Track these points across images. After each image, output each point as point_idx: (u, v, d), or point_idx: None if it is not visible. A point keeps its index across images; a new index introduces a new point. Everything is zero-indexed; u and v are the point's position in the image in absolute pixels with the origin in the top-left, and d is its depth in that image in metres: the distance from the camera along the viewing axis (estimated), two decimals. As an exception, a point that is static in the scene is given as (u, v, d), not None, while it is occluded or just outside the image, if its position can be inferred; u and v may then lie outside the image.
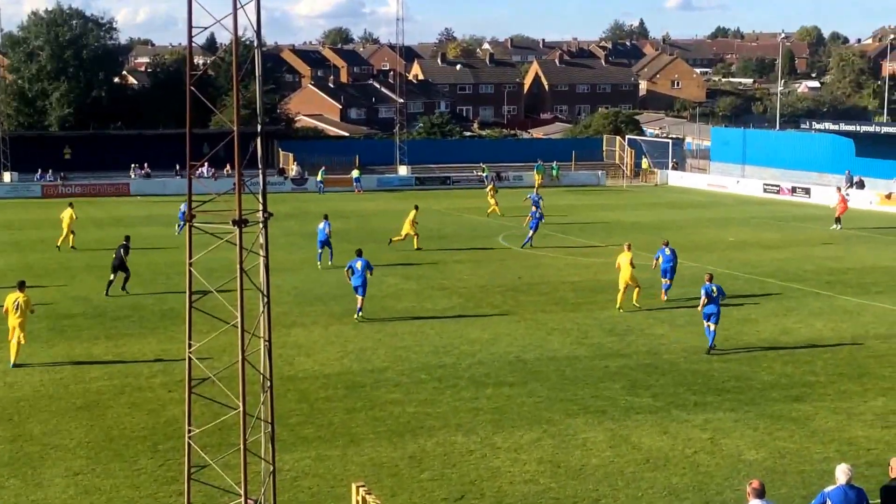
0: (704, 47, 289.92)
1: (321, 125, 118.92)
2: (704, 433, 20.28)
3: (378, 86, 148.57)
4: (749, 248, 46.14)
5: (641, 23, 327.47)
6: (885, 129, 73.78)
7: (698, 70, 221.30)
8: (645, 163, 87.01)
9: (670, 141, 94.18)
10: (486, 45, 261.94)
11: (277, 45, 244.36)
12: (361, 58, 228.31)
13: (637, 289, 32.52)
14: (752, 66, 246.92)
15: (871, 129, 74.26)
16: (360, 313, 30.63)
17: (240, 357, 12.29)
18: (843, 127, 75.22)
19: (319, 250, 40.81)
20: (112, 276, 35.00)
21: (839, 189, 60.83)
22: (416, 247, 44.82)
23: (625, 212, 61.68)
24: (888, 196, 62.76)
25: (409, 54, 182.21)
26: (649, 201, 69.15)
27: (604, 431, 20.36)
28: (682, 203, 67.86)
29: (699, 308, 27.30)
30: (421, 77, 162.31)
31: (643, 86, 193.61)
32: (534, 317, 31.25)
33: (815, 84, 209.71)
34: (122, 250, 35.24)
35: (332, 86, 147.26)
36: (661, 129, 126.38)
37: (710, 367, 25.28)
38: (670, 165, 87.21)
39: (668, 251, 34.24)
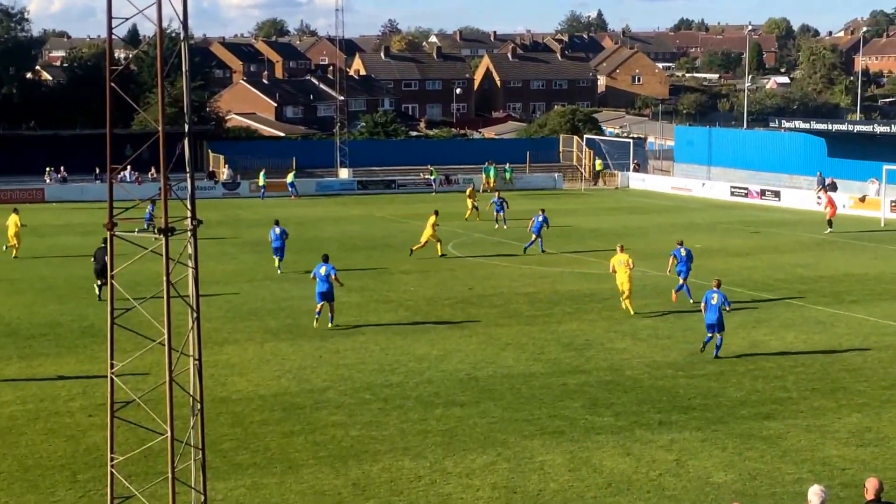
0: (667, 40, 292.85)
1: (254, 125, 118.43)
2: (670, 454, 20.43)
3: (316, 82, 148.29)
4: (716, 255, 46.60)
5: (600, 14, 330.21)
6: (858, 128, 74.96)
7: (660, 65, 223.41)
8: (598, 163, 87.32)
9: (631, 141, 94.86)
10: (433, 38, 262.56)
11: (206, 38, 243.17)
12: (298, 51, 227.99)
13: (629, 296, 33.71)
14: (717, 60, 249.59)
15: (843, 127, 75.38)
16: (329, 321, 31.52)
17: (167, 377, 12.21)
18: (815, 125, 76.27)
19: (276, 256, 42.12)
20: (99, 282, 36.00)
21: (825, 190, 61.57)
22: (440, 253, 45.73)
23: (583, 217, 62.05)
24: (862, 199, 63.69)
25: (349, 48, 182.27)
26: (609, 206, 69.64)
27: (562, 454, 20.44)
28: (645, 208, 68.40)
29: (702, 309, 28.32)
30: (363, 72, 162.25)
31: (602, 81, 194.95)
32: (486, 331, 31.32)
33: (785, 80, 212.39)
34: (102, 253, 35.64)
35: (266, 82, 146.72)
36: (621, 128, 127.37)
37: (676, 384, 25.48)
38: (631, 167, 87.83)
39: (682, 251, 35.48)
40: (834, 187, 69.82)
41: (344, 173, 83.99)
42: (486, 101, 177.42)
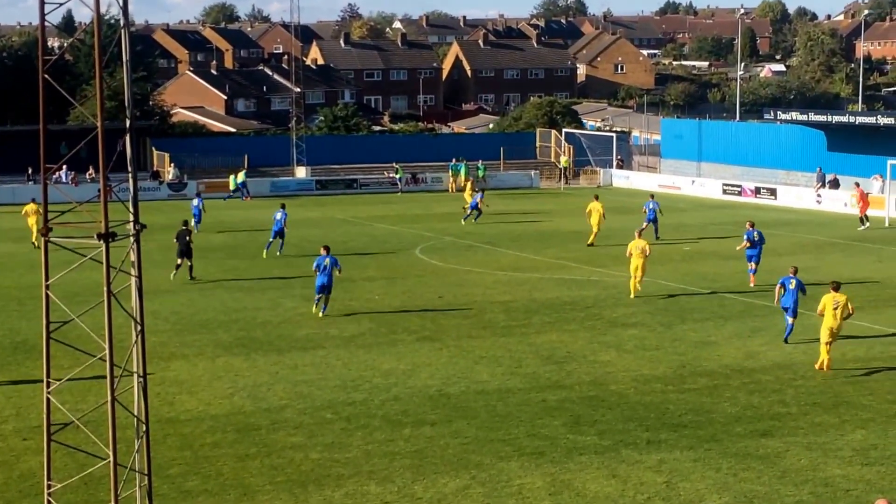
0: (652, 25, 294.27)
1: (203, 119, 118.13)
2: (659, 476, 20.51)
3: (270, 72, 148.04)
4: (707, 258, 46.82)
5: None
6: (860, 120, 75.40)
7: (645, 52, 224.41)
8: (563, 160, 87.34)
9: (614, 135, 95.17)
10: (397, 24, 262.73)
11: (148, 25, 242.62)
12: (249, 39, 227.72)
13: (641, 278, 37.50)
14: (707, 46, 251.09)
15: (844, 119, 75.81)
16: (321, 308, 34.65)
17: (109, 397, 12.17)
18: (813, 117, 76.67)
19: (271, 239, 47.28)
20: (179, 262, 41.28)
21: (857, 185, 61.84)
22: (589, 242, 50.01)
23: (562, 219, 62.18)
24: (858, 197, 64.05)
25: (306, 35, 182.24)
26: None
27: (542, 476, 20.48)
28: (629, 207, 68.50)
29: (775, 302, 31.58)
30: (321, 62, 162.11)
31: (582, 70, 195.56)
32: (458, 343, 31.35)
33: (780, 67, 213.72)
34: (186, 236, 41.40)
35: (214, 72, 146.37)
36: (603, 120, 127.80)
37: (665, 399, 25.58)
38: (614, 163, 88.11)
39: (755, 234, 39.49)
40: (836, 184, 70.28)
41: (301, 172, 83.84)
42: (455, 92, 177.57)
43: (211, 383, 27.17)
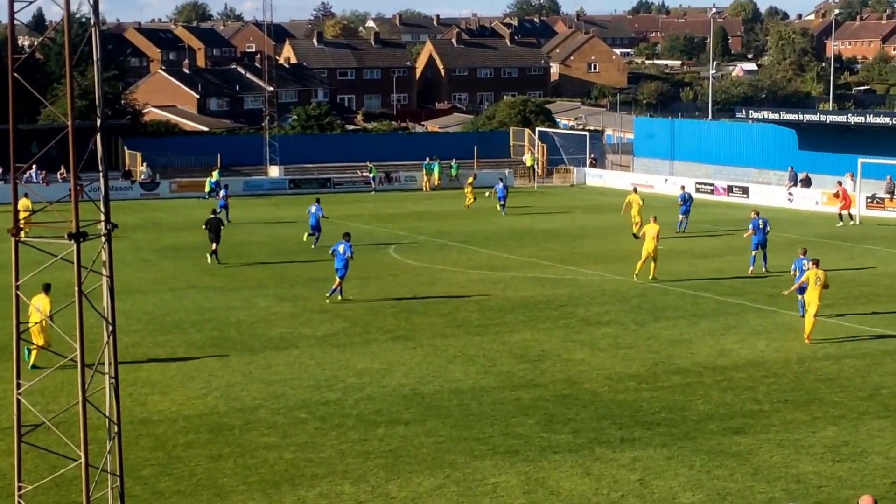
0: (625, 24, 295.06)
1: (175, 118, 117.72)
2: (633, 474, 20.54)
3: (243, 71, 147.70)
4: (680, 257, 46.94)
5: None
6: (831, 119, 75.77)
7: (618, 51, 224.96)
8: (528, 158, 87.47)
9: (587, 133, 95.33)
10: (370, 23, 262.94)
11: (120, 24, 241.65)
12: (222, 38, 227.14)
13: (654, 262, 40.14)
14: (679, 45, 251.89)
15: (815, 118, 76.17)
16: (333, 294, 36.92)
17: (80, 398, 12.10)
18: (785, 116, 77.01)
19: (311, 233, 49.87)
20: (214, 246, 45.32)
21: (840, 183, 62.22)
22: (634, 233, 51.76)
23: (536, 218, 62.27)
24: (836, 195, 64.37)
25: (279, 34, 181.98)
26: (564, 205, 69.91)
27: (516, 475, 20.48)
28: (602, 206, 68.76)
29: (793, 289, 32.81)
30: (294, 60, 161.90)
31: (555, 69, 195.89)
32: (432, 342, 31.34)
33: (752, 66, 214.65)
34: (215, 223, 45.60)
35: (187, 71, 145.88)
36: (576, 119, 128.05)
37: (639, 398, 25.63)
38: (588, 162, 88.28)
39: (760, 223, 41.86)
40: (808, 182, 70.60)
41: (274, 171, 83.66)
42: (429, 91, 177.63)
43: (184, 383, 27.08)
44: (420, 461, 21.30)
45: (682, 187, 60.70)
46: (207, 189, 72.37)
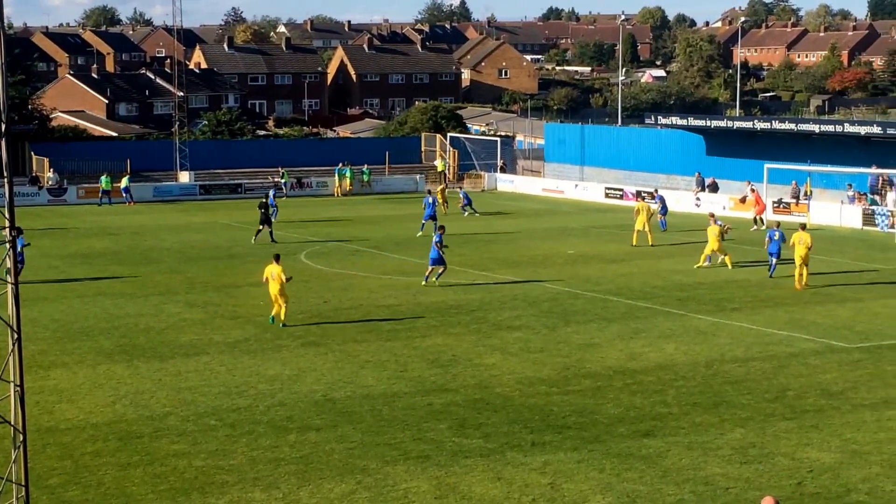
0: (535, 31, 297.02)
1: (83, 123, 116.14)
2: (544, 477, 20.64)
3: (152, 76, 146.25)
4: (590, 262, 47.29)
5: (463, 2, 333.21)
6: (737, 125, 76.94)
7: (529, 57, 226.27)
8: (440, 164, 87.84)
9: (499, 139, 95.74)
10: (281, 28, 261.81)
11: (27, 28, 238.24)
12: (131, 43, 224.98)
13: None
14: (589, 52, 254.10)
15: (722, 124, 77.25)
16: (429, 280, 40.87)
17: (-16, 407, 11.88)
18: (692, 122, 77.90)
19: (424, 221, 55.72)
20: (260, 227, 51.84)
21: (753, 189, 63.12)
22: (650, 243, 51.99)
23: (448, 222, 62.23)
24: (742, 200, 65.31)
25: (189, 39, 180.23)
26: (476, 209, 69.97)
27: (428, 480, 20.50)
28: (513, 211, 69.09)
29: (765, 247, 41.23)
30: (204, 66, 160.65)
31: (466, 75, 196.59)
32: (343, 348, 31.25)
33: (661, 73, 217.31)
34: (264, 207, 51.78)
35: (95, 76, 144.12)
36: (487, 125, 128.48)
37: (549, 402, 25.77)
38: (498, 167, 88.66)
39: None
40: (715, 188, 71.55)
41: (184, 177, 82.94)
42: (340, 96, 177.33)
43: (92, 391, 26.73)
44: (331, 467, 21.23)
45: (656, 190, 65.11)
46: (124, 185, 72.43)
